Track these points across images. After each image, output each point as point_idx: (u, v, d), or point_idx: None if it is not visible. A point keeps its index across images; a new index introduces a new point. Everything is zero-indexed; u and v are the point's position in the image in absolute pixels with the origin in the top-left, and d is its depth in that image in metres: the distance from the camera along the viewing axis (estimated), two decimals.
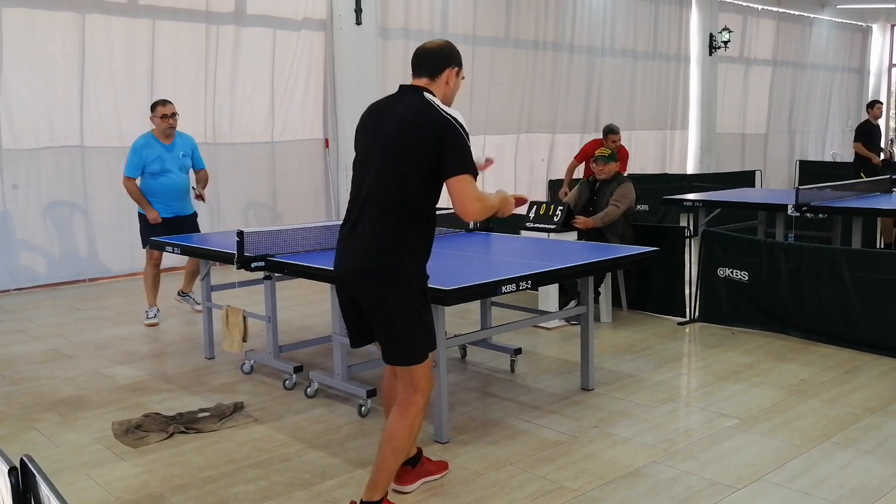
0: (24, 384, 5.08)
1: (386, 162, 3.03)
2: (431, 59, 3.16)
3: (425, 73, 3.15)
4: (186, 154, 6.55)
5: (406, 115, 3.05)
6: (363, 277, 3.03)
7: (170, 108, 6.44)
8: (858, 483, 3.48)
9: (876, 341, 5.30)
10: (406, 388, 3.11)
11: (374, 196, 3.03)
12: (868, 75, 19.84)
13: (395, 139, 3.03)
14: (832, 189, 7.92)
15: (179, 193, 6.52)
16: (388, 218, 3.01)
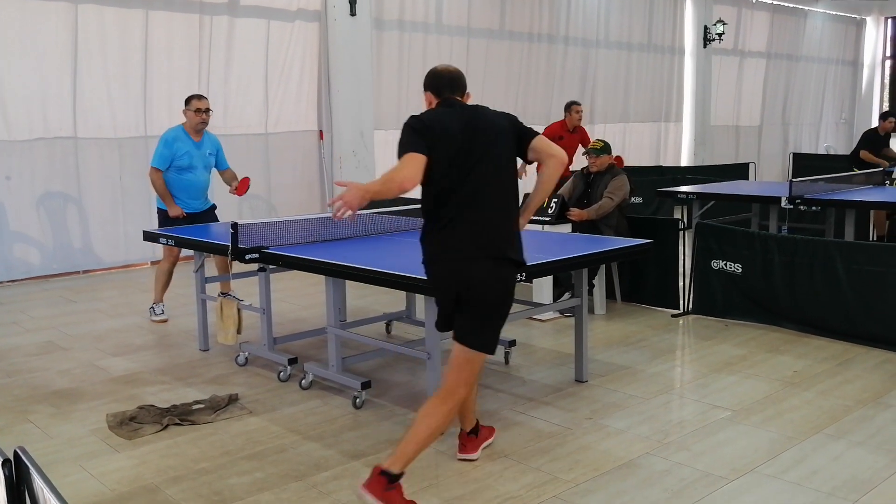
0: (18, 376, 5.07)
1: (501, 162, 3.34)
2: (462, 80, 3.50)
3: (460, 92, 3.47)
4: (212, 153, 6.40)
5: (494, 117, 3.40)
6: (502, 264, 3.30)
7: (205, 102, 6.26)
8: (851, 474, 3.50)
9: (869, 333, 5.33)
10: (457, 375, 3.36)
11: (495, 194, 3.31)
12: (862, 68, 19.87)
13: (500, 139, 3.34)
14: (825, 182, 7.94)
15: (200, 192, 6.38)
16: (514, 210, 3.41)
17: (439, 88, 3.42)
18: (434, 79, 3.45)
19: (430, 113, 3.39)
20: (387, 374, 4.99)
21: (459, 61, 11.37)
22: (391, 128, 10.89)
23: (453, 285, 3.29)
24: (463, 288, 3.26)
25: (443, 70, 3.48)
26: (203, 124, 6.28)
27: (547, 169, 3.42)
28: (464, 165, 3.26)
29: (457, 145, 3.26)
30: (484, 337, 3.35)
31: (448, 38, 11.27)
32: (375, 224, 5.50)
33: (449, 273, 3.30)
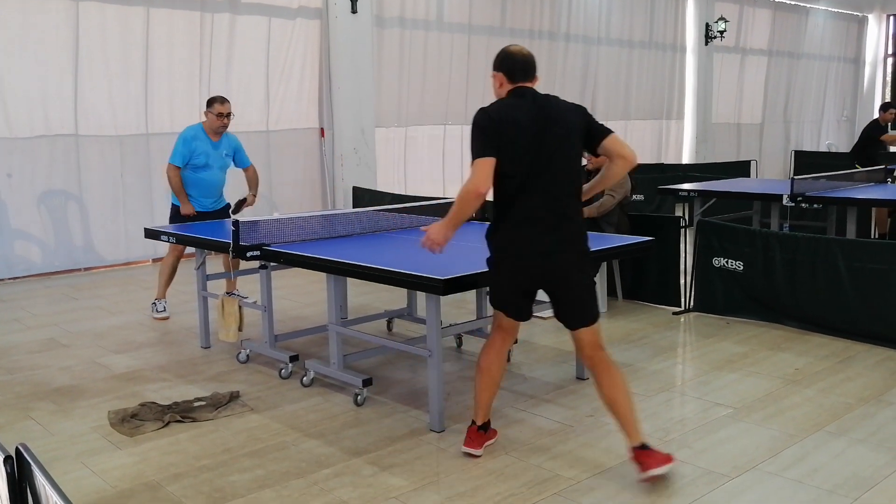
0: (20, 373, 5.07)
1: (571, 155, 3.43)
2: (534, 65, 3.53)
3: (531, 78, 3.50)
4: (229, 154, 6.39)
5: (566, 109, 3.43)
6: (580, 255, 3.47)
7: (227, 107, 6.24)
8: (852, 472, 3.50)
9: (870, 331, 5.32)
10: (596, 347, 3.54)
11: (568, 186, 3.42)
12: (864, 65, 19.85)
13: (571, 133, 3.40)
14: (827, 179, 7.93)
15: (214, 190, 6.39)
16: (580, 204, 3.52)
17: (513, 72, 3.44)
18: (508, 61, 3.47)
19: (500, 106, 3.41)
20: (388, 371, 4.99)
21: (460, 59, 11.38)
22: (392, 125, 10.91)
23: (537, 281, 3.46)
24: (547, 283, 3.45)
25: (517, 53, 3.48)
26: (223, 128, 6.28)
27: (614, 167, 3.50)
28: (536, 161, 3.30)
29: (528, 140, 3.29)
30: (593, 310, 3.56)
31: (449, 35, 11.26)
32: (376, 221, 5.50)
33: (530, 269, 3.42)
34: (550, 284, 3.48)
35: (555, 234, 3.37)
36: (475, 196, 3.33)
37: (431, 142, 11.49)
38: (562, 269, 3.42)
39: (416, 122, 11.20)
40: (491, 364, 3.66)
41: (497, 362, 3.67)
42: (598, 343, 3.56)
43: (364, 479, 3.52)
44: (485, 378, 3.66)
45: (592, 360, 3.56)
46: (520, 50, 3.50)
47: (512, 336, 3.73)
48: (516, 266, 3.46)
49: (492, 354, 3.67)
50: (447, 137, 11.60)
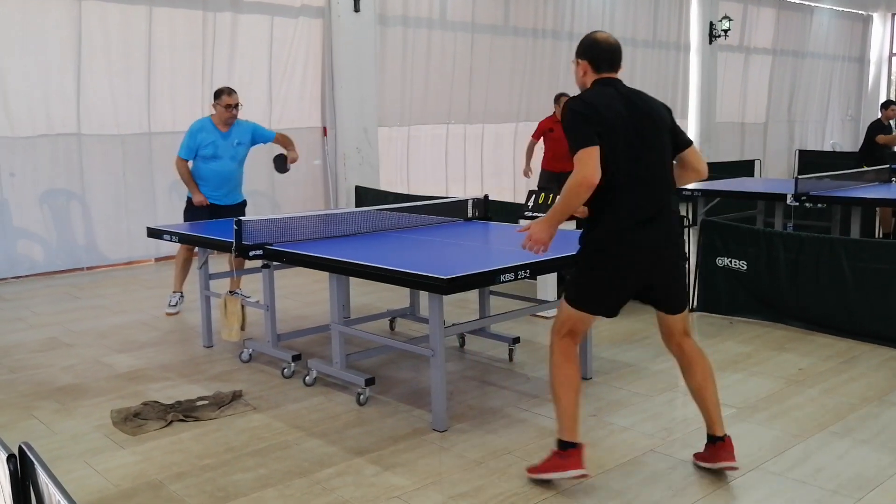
0: (23, 372, 5.08)
1: (664, 147, 3.36)
2: (621, 55, 3.44)
3: (617, 69, 3.42)
4: (242, 143, 6.39)
5: (655, 104, 3.39)
6: (679, 248, 3.42)
7: (234, 98, 6.27)
8: (855, 472, 3.49)
9: (874, 331, 5.31)
10: (685, 333, 3.54)
11: (665, 178, 3.35)
12: (868, 65, 19.80)
13: (662, 127, 3.35)
14: (831, 179, 7.91)
15: (226, 181, 6.39)
16: (672, 197, 3.42)
17: (598, 61, 3.34)
18: (594, 49, 3.35)
19: (593, 94, 3.29)
20: (391, 370, 4.99)
21: (463, 58, 11.37)
22: (395, 124, 10.90)
23: (644, 277, 3.36)
24: (655, 278, 3.37)
25: (603, 41, 3.36)
26: (232, 119, 6.31)
27: (685, 180, 3.50)
28: (635, 152, 3.22)
29: (627, 130, 3.22)
30: (686, 295, 3.59)
31: (452, 34, 11.25)
32: (379, 221, 5.49)
33: (640, 266, 3.32)
34: (657, 278, 3.39)
35: (660, 229, 3.29)
36: (586, 188, 3.11)
37: (434, 141, 11.48)
38: (669, 262, 3.38)
39: (419, 122, 11.19)
40: (572, 374, 3.38)
41: (577, 370, 3.41)
42: (687, 329, 3.54)
43: (366, 478, 3.51)
44: (570, 389, 3.36)
45: (681, 347, 3.52)
46: (606, 38, 3.37)
47: (579, 341, 3.52)
48: (626, 263, 3.29)
49: (572, 364, 3.39)
50: (450, 136, 11.59)
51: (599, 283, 3.36)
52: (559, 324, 3.43)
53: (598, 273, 3.34)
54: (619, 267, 3.31)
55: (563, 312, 3.43)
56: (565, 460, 3.32)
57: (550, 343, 3.44)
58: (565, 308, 3.41)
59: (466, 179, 11.82)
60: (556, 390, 3.38)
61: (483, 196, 5.83)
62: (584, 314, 3.40)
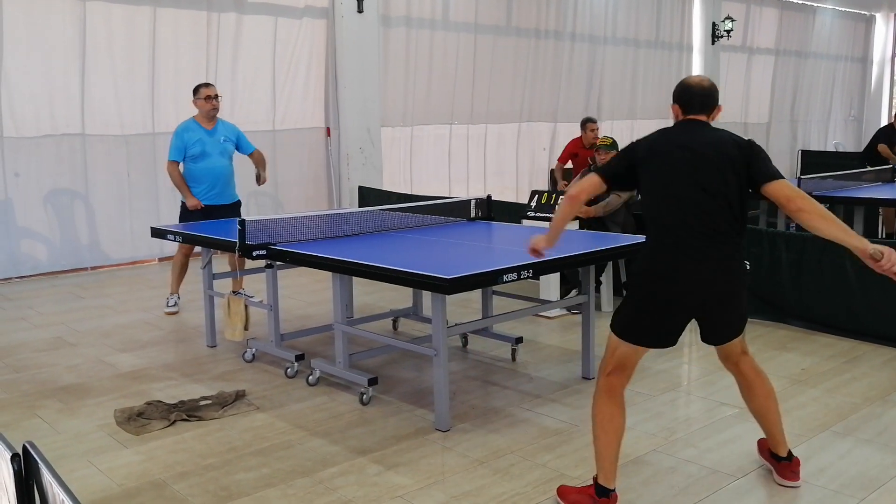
0: (27, 372, 5.09)
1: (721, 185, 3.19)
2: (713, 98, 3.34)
3: (708, 111, 3.34)
4: (228, 139, 6.43)
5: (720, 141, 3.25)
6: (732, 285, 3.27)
7: (213, 89, 6.35)
8: (858, 472, 3.49)
9: (876, 331, 5.31)
10: (743, 353, 3.48)
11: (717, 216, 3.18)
12: (871, 65, 19.76)
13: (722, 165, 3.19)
14: (834, 179, 7.91)
15: (219, 179, 6.39)
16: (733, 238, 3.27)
17: (686, 104, 3.31)
18: (683, 93, 3.32)
19: (652, 135, 3.34)
20: (394, 370, 5.00)
21: (466, 58, 11.38)
22: (398, 125, 10.90)
23: (692, 311, 3.22)
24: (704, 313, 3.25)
25: (695, 85, 3.32)
26: (214, 110, 6.35)
27: (796, 218, 3.16)
28: (681, 190, 3.15)
29: (660, 166, 3.19)
30: (745, 319, 3.45)
31: (455, 34, 11.26)
32: (382, 221, 5.50)
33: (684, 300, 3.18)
34: (707, 314, 3.26)
35: (709, 267, 3.15)
36: (568, 201, 3.34)
37: (437, 141, 11.48)
38: (719, 299, 3.22)
39: (422, 122, 11.19)
40: (615, 416, 3.22)
41: (622, 411, 3.24)
42: (744, 349, 3.44)
43: (369, 477, 3.52)
44: (611, 433, 3.22)
45: (739, 367, 3.43)
46: (699, 82, 3.33)
47: (628, 379, 3.32)
48: (666, 298, 3.17)
49: (616, 404, 3.23)
50: (453, 137, 11.59)
51: (644, 314, 3.22)
52: (605, 358, 3.29)
53: (642, 304, 3.22)
54: (661, 301, 3.18)
55: (609, 345, 3.28)
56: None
57: (598, 378, 3.30)
58: (612, 340, 3.27)
59: (469, 179, 11.83)
60: (595, 430, 3.23)
61: (486, 196, 5.83)
62: (631, 346, 3.23)
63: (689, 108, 3.31)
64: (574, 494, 3.27)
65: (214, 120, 6.41)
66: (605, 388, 3.23)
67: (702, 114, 3.30)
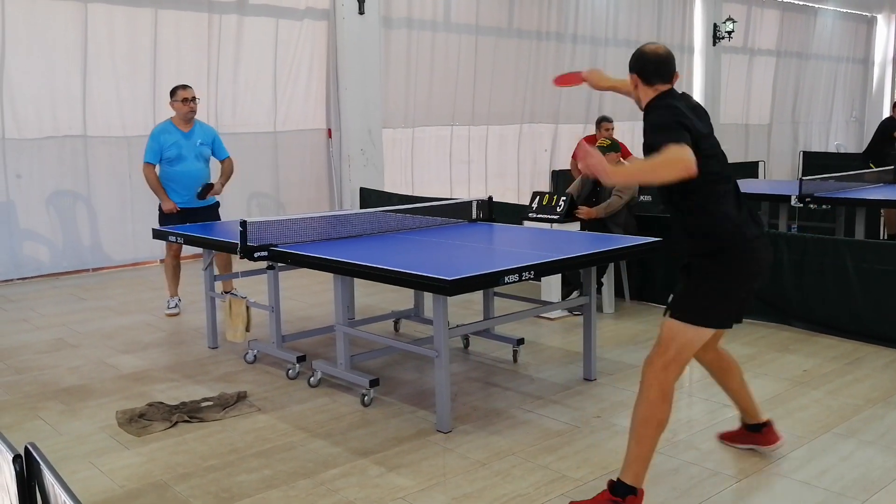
0: (29, 373, 5.10)
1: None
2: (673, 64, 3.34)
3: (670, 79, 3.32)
4: (205, 143, 6.41)
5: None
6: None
7: (190, 91, 6.34)
8: (860, 474, 3.49)
9: (878, 332, 5.30)
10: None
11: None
12: (872, 66, 19.76)
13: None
14: (836, 180, 7.91)
15: (195, 183, 6.37)
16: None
17: (649, 75, 3.25)
18: (645, 62, 3.27)
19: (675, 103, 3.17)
20: (395, 371, 5.00)
21: (468, 59, 11.38)
22: (399, 126, 10.91)
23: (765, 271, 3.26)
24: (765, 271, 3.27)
25: (652, 53, 3.28)
26: (192, 113, 6.34)
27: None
28: (716, 155, 3.19)
29: (707, 135, 3.19)
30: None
31: (456, 36, 11.26)
32: (383, 222, 5.50)
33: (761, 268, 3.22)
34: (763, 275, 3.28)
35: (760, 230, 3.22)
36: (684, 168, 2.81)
37: (438, 142, 11.49)
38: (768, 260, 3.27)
39: (424, 123, 11.20)
40: (666, 417, 3.14)
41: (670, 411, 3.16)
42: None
43: (371, 479, 3.52)
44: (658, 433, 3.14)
45: (719, 353, 3.56)
46: (654, 50, 3.31)
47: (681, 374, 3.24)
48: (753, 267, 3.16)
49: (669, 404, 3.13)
50: (454, 138, 11.60)
51: (730, 295, 3.14)
52: (671, 352, 3.11)
53: (730, 287, 3.13)
54: (748, 274, 3.16)
55: (679, 337, 3.12)
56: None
57: (648, 374, 3.13)
58: (683, 331, 3.11)
59: (471, 181, 11.83)
60: (643, 430, 3.10)
61: (487, 197, 5.83)
62: (704, 331, 3.14)
63: (651, 80, 3.28)
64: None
65: (192, 123, 6.38)
66: (661, 386, 3.09)
67: (670, 83, 3.29)
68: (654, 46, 3.34)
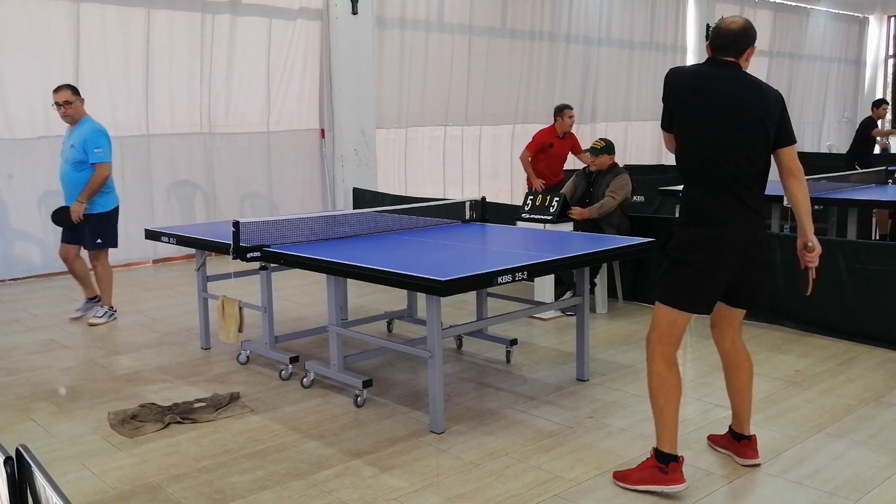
0: (20, 374, 5.07)
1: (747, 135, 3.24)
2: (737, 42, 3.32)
3: (732, 53, 3.32)
4: (75, 145, 6.05)
5: (749, 94, 3.26)
6: (763, 236, 3.40)
7: (58, 95, 6.03)
8: (853, 473, 3.50)
9: (871, 332, 5.32)
10: (740, 331, 3.60)
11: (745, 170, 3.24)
12: (865, 66, 19.84)
13: (750, 116, 3.23)
14: (828, 181, 7.93)
15: (65, 186, 6.22)
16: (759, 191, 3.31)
17: (714, 48, 3.34)
18: (713, 36, 3.36)
19: (686, 68, 3.46)
20: (388, 372, 4.99)
21: (461, 60, 11.39)
22: (392, 126, 10.90)
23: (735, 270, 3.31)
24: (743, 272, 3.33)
25: (722, 27, 3.33)
26: (65, 117, 6.11)
27: (787, 185, 3.33)
28: (714, 136, 3.23)
29: (687, 108, 3.28)
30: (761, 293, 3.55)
31: (450, 36, 11.27)
32: (377, 222, 5.50)
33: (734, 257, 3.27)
34: (749, 261, 3.33)
35: (748, 205, 3.25)
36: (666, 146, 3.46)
37: (432, 143, 11.49)
38: (756, 255, 3.34)
39: (417, 124, 11.20)
40: (676, 383, 3.32)
41: (679, 377, 3.34)
42: (741, 329, 3.57)
43: (364, 480, 3.51)
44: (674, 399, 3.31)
45: (735, 345, 3.55)
46: (728, 25, 3.33)
47: (678, 345, 3.39)
48: (721, 254, 3.26)
49: (674, 371, 3.32)
50: (448, 139, 11.60)
51: (697, 277, 3.30)
52: (655, 328, 3.37)
53: (695, 266, 3.29)
54: (715, 259, 3.26)
55: (661, 317, 3.36)
56: (667, 475, 3.29)
57: (649, 349, 3.37)
58: (664, 311, 3.35)
59: (464, 181, 11.84)
60: (658, 401, 3.31)
61: (480, 198, 5.83)
62: (679, 313, 3.33)
63: (716, 50, 3.34)
64: (637, 474, 3.36)
65: (75, 123, 6.13)
66: (661, 357, 3.33)
67: (730, 55, 3.31)
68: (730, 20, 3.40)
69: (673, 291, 3.34)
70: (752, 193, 3.26)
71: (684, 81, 3.36)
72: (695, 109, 3.29)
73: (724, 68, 3.30)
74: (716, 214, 3.25)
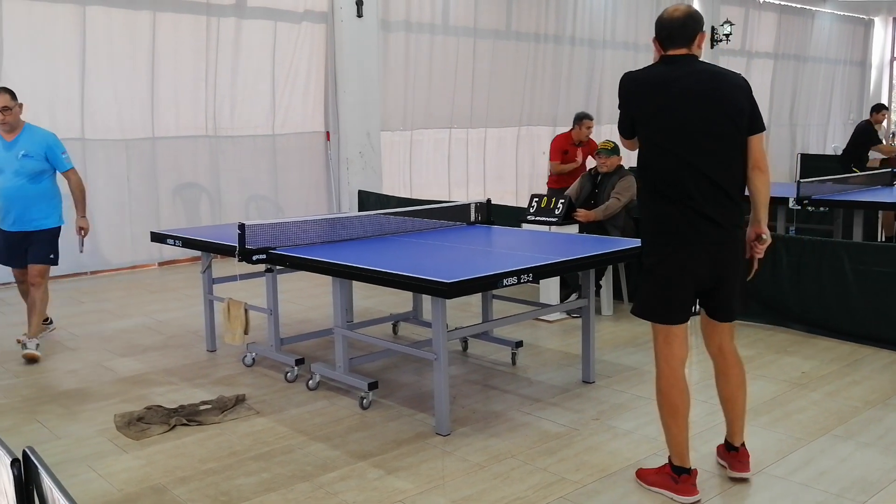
0: (27, 377, 5.09)
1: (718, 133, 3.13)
2: (684, 30, 3.20)
3: (682, 43, 3.20)
4: (29, 154, 5.43)
5: (721, 84, 3.15)
6: (736, 241, 3.24)
7: (1, 99, 5.34)
8: (859, 476, 3.49)
9: (877, 334, 5.31)
10: (731, 339, 3.47)
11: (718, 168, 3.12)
12: (870, 69, 19.79)
13: (718, 112, 3.11)
14: (833, 182, 7.91)
15: (13, 203, 5.41)
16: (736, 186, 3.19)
17: (661, 40, 3.20)
18: (658, 28, 3.21)
19: (641, 72, 3.24)
20: (394, 374, 5.00)
21: (466, 62, 11.39)
22: (398, 129, 10.91)
23: (703, 276, 3.19)
24: (715, 278, 3.21)
25: (665, 18, 3.19)
26: (5, 125, 5.41)
27: (752, 181, 3.21)
28: (681, 135, 3.10)
29: (656, 112, 3.13)
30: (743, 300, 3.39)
31: (454, 38, 11.27)
32: (382, 225, 5.50)
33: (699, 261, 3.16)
34: (716, 279, 3.21)
35: (715, 220, 3.11)
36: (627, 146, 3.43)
37: (437, 145, 11.49)
38: (728, 262, 3.21)
39: (422, 126, 11.20)
40: (676, 399, 3.29)
41: (682, 392, 3.29)
42: (733, 333, 3.48)
43: (370, 482, 3.52)
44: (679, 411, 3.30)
45: (723, 351, 3.45)
46: (670, 15, 3.19)
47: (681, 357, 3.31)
48: (679, 262, 3.17)
49: (675, 387, 3.29)
50: (453, 141, 11.60)
51: (665, 285, 3.22)
52: (654, 343, 3.36)
53: (661, 274, 3.22)
54: (679, 263, 3.17)
55: (652, 330, 3.35)
56: (678, 485, 3.31)
57: (655, 366, 3.39)
58: (651, 324, 3.33)
59: (469, 184, 11.83)
60: (664, 418, 3.35)
61: (486, 200, 5.84)
62: (666, 329, 3.27)
63: (665, 42, 3.20)
64: (653, 476, 3.41)
65: (15, 131, 5.45)
66: (664, 371, 3.32)
67: (681, 47, 3.18)
68: (671, 9, 3.27)
69: (644, 304, 3.32)
70: (719, 207, 3.12)
71: (643, 87, 3.19)
72: (658, 117, 3.15)
73: (682, 64, 3.16)
74: (679, 229, 3.14)
